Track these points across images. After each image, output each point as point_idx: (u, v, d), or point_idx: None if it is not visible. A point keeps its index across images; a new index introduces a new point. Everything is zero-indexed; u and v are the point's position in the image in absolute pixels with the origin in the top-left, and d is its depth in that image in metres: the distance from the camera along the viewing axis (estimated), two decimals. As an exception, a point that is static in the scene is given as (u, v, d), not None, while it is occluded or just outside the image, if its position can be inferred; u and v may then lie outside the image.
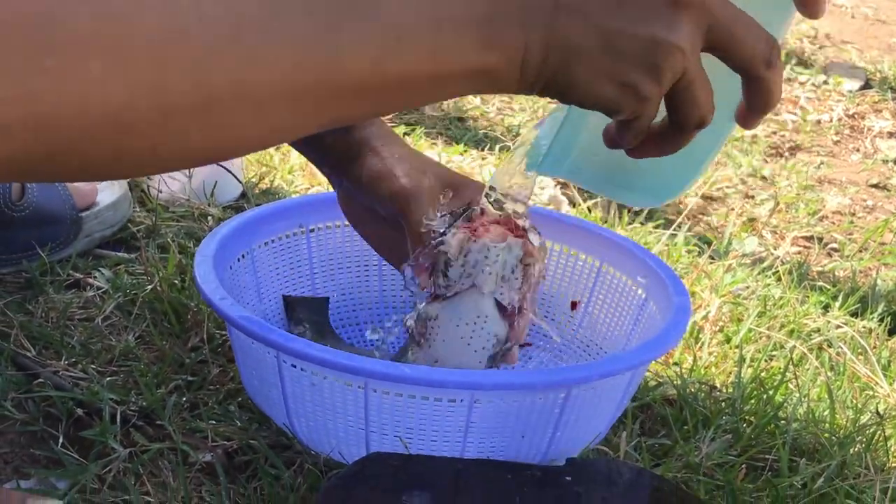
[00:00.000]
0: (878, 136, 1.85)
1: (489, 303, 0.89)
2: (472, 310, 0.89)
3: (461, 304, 0.89)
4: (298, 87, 0.59)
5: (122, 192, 1.19)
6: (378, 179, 0.92)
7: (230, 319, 0.88)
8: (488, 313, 0.89)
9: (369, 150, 0.93)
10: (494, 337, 0.89)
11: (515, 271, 0.88)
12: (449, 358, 0.90)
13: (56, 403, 0.93)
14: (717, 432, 0.98)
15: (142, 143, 0.55)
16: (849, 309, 1.26)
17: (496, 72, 0.64)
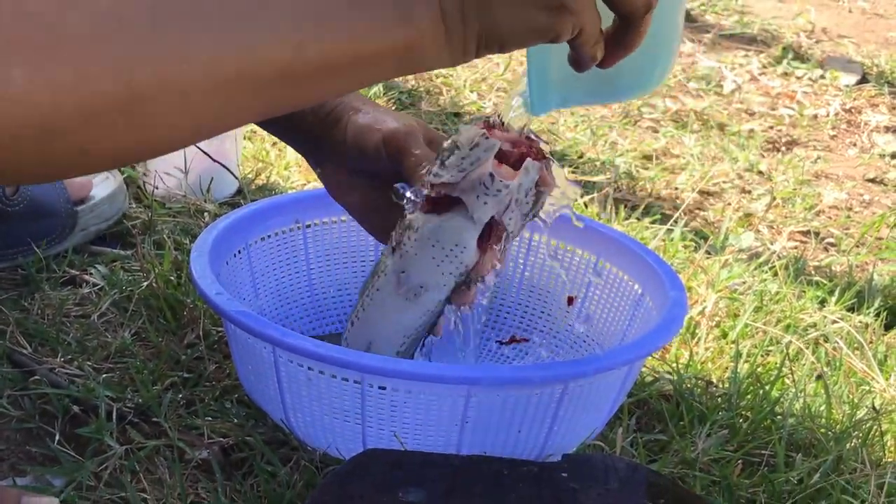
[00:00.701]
0: (874, 131, 1.85)
1: (473, 234, 0.87)
2: (454, 236, 0.87)
3: (445, 225, 0.87)
4: (221, 79, 0.58)
5: (118, 184, 1.18)
6: (365, 131, 0.91)
7: (226, 315, 0.88)
8: (467, 244, 0.87)
9: (350, 109, 0.92)
10: (463, 265, 0.88)
11: (529, 195, 0.86)
12: (415, 272, 0.89)
13: (52, 400, 0.93)
14: (713, 428, 0.98)
15: (70, 145, 0.55)
16: (845, 304, 1.26)
17: (420, 45, 0.63)
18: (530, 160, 0.85)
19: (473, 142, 0.85)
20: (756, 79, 1.97)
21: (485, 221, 0.86)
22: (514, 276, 1.09)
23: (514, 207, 0.86)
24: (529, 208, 0.86)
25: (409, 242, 0.88)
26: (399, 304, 0.90)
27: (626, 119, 1.71)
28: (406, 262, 0.89)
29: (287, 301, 1.06)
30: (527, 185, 0.85)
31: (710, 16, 2.21)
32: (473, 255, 0.87)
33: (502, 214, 0.86)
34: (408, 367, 0.84)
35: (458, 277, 0.89)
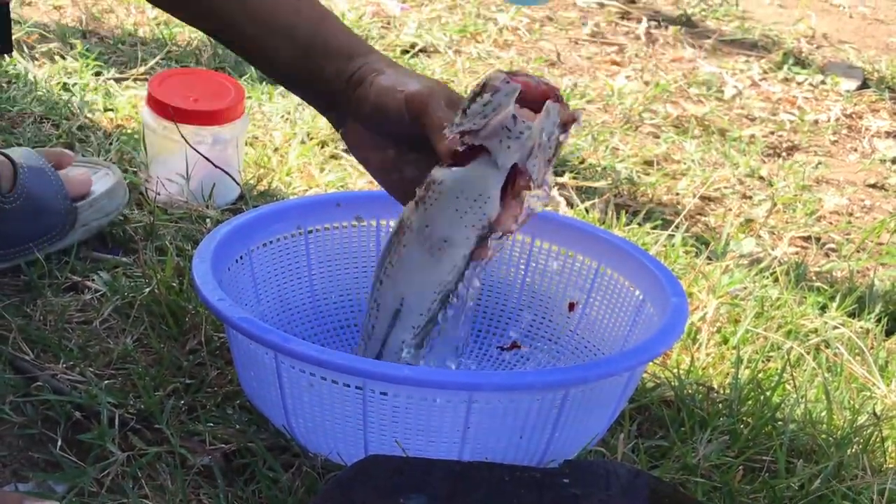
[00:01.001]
0: (875, 136, 1.85)
1: (497, 181, 0.86)
2: (478, 185, 0.87)
3: (469, 175, 0.87)
4: None
5: (117, 179, 1.18)
6: (388, 92, 0.90)
7: (228, 320, 0.88)
8: (491, 194, 0.87)
9: (373, 71, 0.92)
10: (486, 217, 0.87)
11: (551, 139, 0.86)
12: (440, 227, 0.89)
13: (54, 406, 0.93)
14: (714, 434, 0.98)
15: None
16: (846, 309, 1.27)
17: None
18: (550, 102, 0.85)
19: (495, 87, 0.85)
20: (757, 84, 1.98)
21: (508, 167, 0.86)
22: (516, 282, 1.09)
23: (536, 152, 0.85)
24: (552, 153, 0.86)
25: (432, 196, 0.88)
26: (425, 259, 0.90)
27: (627, 125, 1.71)
28: (430, 216, 0.89)
29: (289, 307, 1.06)
30: (549, 128, 0.85)
31: (710, 21, 2.21)
32: (496, 205, 0.87)
33: (525, 160, 0.86)
34: (410, 373, 0.85)
35: (480, 230, 0.88)
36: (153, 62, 1.60)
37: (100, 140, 1.36)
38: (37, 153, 1.15)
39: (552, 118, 0.85)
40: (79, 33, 1.67)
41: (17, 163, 1.11)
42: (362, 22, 1.89)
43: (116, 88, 1.51)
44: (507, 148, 0.85)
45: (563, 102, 0.86)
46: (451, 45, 1.89)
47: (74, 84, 1.50)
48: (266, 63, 0.97)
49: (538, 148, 0.85)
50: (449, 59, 1.84)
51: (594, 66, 1.95)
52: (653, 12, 2.21)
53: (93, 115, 1.43)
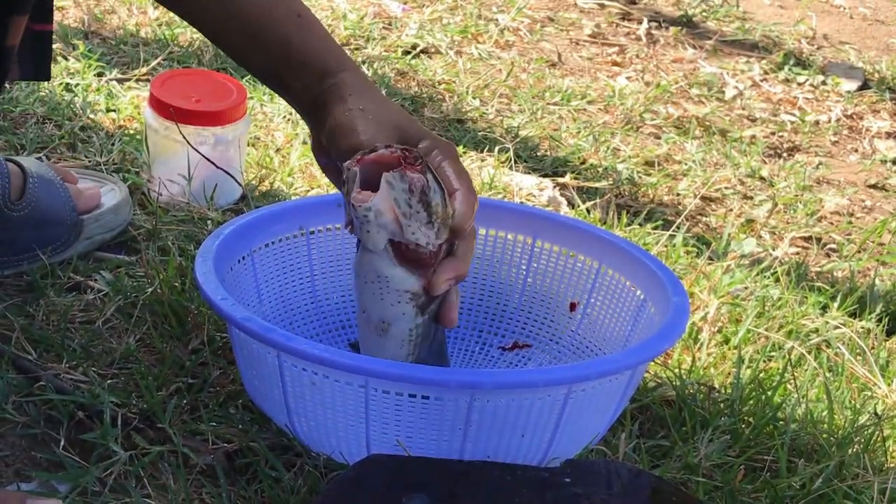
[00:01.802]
0: (876, 137, 1.86)
1: (383, 262, 0.85)
2: (372, 269, 0.87)
3: (360, 261, 0.87)
4: None
5: (123, 196, 1.19)
6: (338, 133, 0.89)
7: (231, 319, 0.88)
8: (388, 274, 0.86)
9: (337, 98, 0.90)
10: (406, 293, 0.87)
11: (413, 205, 0.83)
12: (372, 311, 0.89)
13: (57, 406, 0.93)
14: (715, 433, 0.98)
15: None
16: (847, 309, 1.27)
17: None
18: (386, 174, 0.83)
19: (345, 175, 0.85)
20: (758, 85, 1.98)
21: (382, 247, 0.85)
22: (517, 282, 1.09)
23: (407, 222, 0.84)
24: (427, 216, 0.84)
25: (355, 282, 0.89)
26: (376, 340, 0.90)
27: (628, 125, 1.72)
28: (361, 302, 0.90)
29: (290, 307, 1.06)
30: (402, 197, 0.83)
31: (711, 22, 2.21)
32: (407, 279, 0.86)
33: (401, 235, 0.84)
34: (411, 372, 0.85)
35: (410, 302, 0.88)
36: (155, 63, 1.60)
37: (102, 141, 1.37)
38: (47, 165, 1.16)
39: (398, 186, 0.83)
40: (81, 34, 1.68)
41: (27, 172, 1.12)
42: (363, 23, 1.90)
43: (118, 89, 1.52)
44: (367, 233, 0.84)
45: (414, 165, 0.84)
46: (452, 45, 1.89)
47: (77, 85, 1.50)
48: (243, 63, 0.97)
49: (403, 217, 0.84)
50: (450, 59, 1.84)
51: (595, 67, 1.95)
52: (653, 13, 2.21)
53: (95, 116, 1.43)
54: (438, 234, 0.85)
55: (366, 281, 0.87)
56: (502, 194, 1.40)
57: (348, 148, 0.88)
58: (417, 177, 0.83)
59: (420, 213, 0.84)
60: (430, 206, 0.84)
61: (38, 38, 1.05)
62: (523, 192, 1.42)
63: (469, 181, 0.89)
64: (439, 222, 0.85)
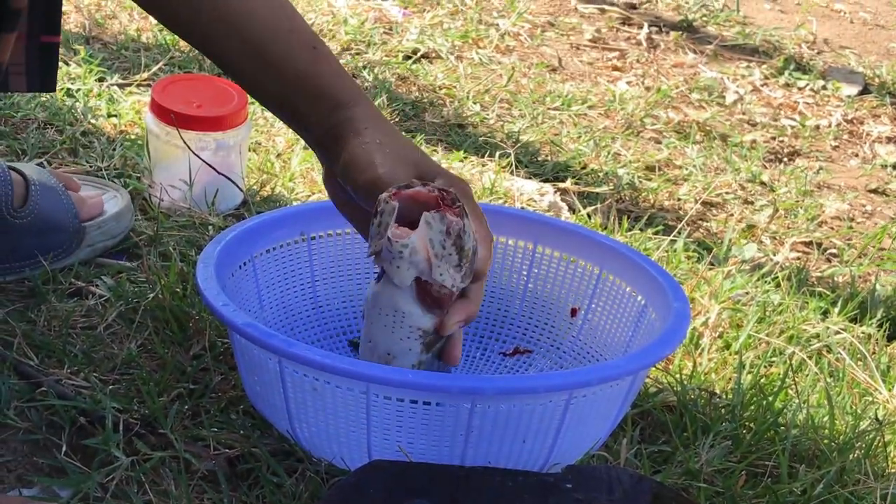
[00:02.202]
0: (876, 141, 1.86)
1: (404, 298, 0.86)
2: (390, 302, 0.87)
3: (380, 292, 0.87)
4: None
5: (126, 203, 1.19)
6: (354, 166, 0.89)
7: (233, 325, 0.88)
8: (405, 310, 0.87)
9: (352, 131, 0.90)
10: (418, 330, 0.87)
11: (447, 247, 0.84)
12: (379, 342, 0.89)
13: (59, 412, 0.93)
14: (716, 439, 0.98)
15: None
16: (848, 314, 1.27)
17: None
18: (427, 213, 0.84)
19: (381, 208, 0.85)
20: (758, 90, 1.98)
21: (408, 284, 0.86)
22: (518, 288, 1.09)
23: (437, 262, 0.85)
24: (457, 259, 0.85)
25: (368, 312, 0.89)
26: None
27: (628, 130, 1.72)
28: (370, 331, 0.90)
29: (291, 313, 1.06)
30: (438, 238, 0.84)
31: (711, 27, 2.21)
32: (422, 317, 0.87)
33: (429, 274, 0.85)
34: (413, 378, 0.85)
35: (419, 339, 0.88)
36: (156, 68, 1.60)
37: (103, 146, 1.37)
38: (49, 172, 1.16)
39: (436, 227, 0.84)
40: (82, 39, 1.68)
41: (30, 180, 1.12)
42: (364, 28, 1.90)
43: (119, 94, 1.52)
44: (397, 268, 0.85)
45: (452, 207, 0.85)
46: (452, 50, 1.89)
47: (78, 90, 1.50)
48: (257, 95, 0.96)
49: (437, 258, 0.84)
50: (451, 64, 1.84)
51: (596, 72, 1.95)
52: (654, 18, 2.22)
53: (96, 121, 1.44)
54: (464, 277, 0.86)
55: (381, 312, 0.88)
56: (503, 199, 1.41)
57: (366, 182, 0.88)
58: (456, 220, 0.84)
59: (452, 255, 0.85)
60: (462, 250, 0.85)
61: (45, 50, 1.05)
62: (524, 198, 1.42)
63: (486, 223, 0.90)
64: (467, 266, 0.86)
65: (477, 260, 0.87)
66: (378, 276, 0.89)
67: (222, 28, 0.91)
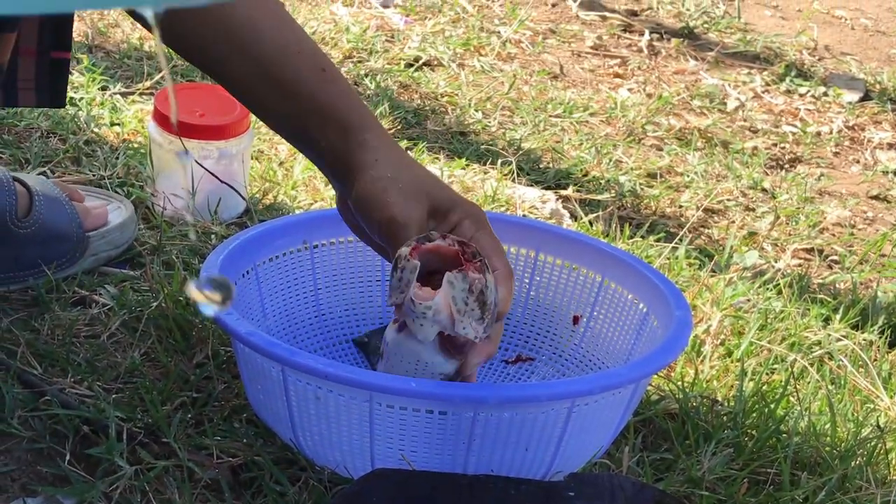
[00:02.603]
0: (877, 148, 1.86)
1: (427, 351, 0.87)
2: (413, 353, 0.88)
3: (403, 342, 0.88)
4: None
5: (129, 213, 1.19)
6: (369, 202, 0.89)
7: (236, 334, 0.88)
8: (428, 360, 0.87)
9: (363, 163, 0.90)
10: (440, 375, 0.89)
11: (469, 303, 0.85)
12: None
13: (62, 421, 0.94)
14: (718, 446, 0.98)
15: None
16: (849, 321, 1.27)
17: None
18: (449, 273, 0.84)
19: (401, 265, 0.85)
20: (759, 96, 1.98)
21: (431, 339, 0.86)
22: (520, 296, 1.10)
23: (460, 318, 0.85)
24: (480, 314, 0.85)
25: (386, 354, 0.90)
26: None
27: (630, 137, 1.72)
28: (391, 369, 0.90)
29: (294, 321, 1.07)
30: (461, 296, 0.85)
31: (712, 34, 2.22)
32: (444, 364, 0.88)
33: (452, 329, 0.85)
34: (416, 386, 0.85)
35: (441, 378, 0.89)
36: (159, 76, 1.61)
37: (106, 155, 1.37)
38: (52, 183, 1.17)
39: (459, 286, 0.84)
40: (85, 48, 1.68)
41: (33, 190, 1.13)
42: (366, 36, 1.90)
43: (122, 103, 1.52)
44: (420, 325, 0.86)
45: (473, 262, 0.85)
46: (454, 58, 1.90)
47: (81, 98, 1.51)
48: (266, 118, 0.96)
49: (458, 314, 0.85)
50: (453, 72, 1.85)
51: (597, 79, 1.96)
52: (655, 25, 2.22)
53: (99, 130, 1.44)
54: (486, 328, 0.87)
55: (402, 360, 0.89)
56: (505, 207, 1.41)
57: (381, 221, 0.89)
58: (478, 277, 0.85)
59: (475, 310, 0.85)
60: (484, 305, 0.86)
61: (55, 66, 1.05)
62: (526, 205, 1.43)
63: (504, 256, 0.90)
64: (489, 318, 0.87)
65: (499, 301, 0.88)
66: (398, 324, 0.89)
67: (229, 49, 0.91)
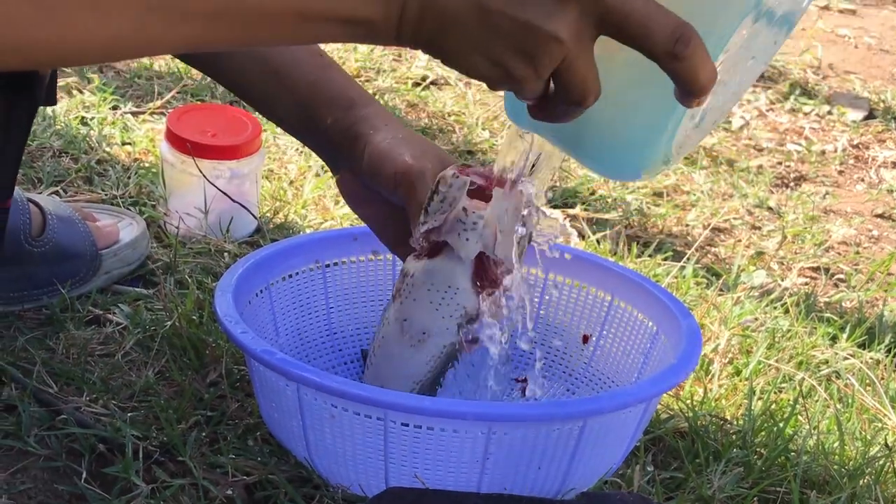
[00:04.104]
0: (882, 166, 1.87)
1: (464, 274, 0.88)
2: (446, 278, 0.89)
3: (436, 268, 0.89)
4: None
5: (141, 230, 1.21)
6: (381, 159, 0.91)
7: (252, 353, 0.89)
8: (460, 285, 0.89)
9: (370, 128, 0.92)
10: (463, 308, 0.89)
11: (513, 221, 0.87)
12: (417, 319, 0.91)
13: (79, 439, 0.94)
14: (728, 465, 0.99)
15: None
16: (856, 340, 1.28)
17: (372, 24, 0.65)
18: (498, 188, 0.87)
19: (448, 184, 0.87)
20: (764, 115, 2.00)
21: (472, 258, 0.88)
22: (530, 315, 1.10)
23: (500, 238, 0.87)
24: (521, 234, 0.87)
25: (406, 289, 0.91)
26: (405, 351, 0.92)
27: (636, 156, 1.73)
28: (406, 309, 0.91)
29: (306, 339, 1.08)
30: (504, 213, 0.86)
31: (717, 52, 2.23)
32: (470, 296, 0.89)
33: (492, 249, 0.87)
34: (430, 405, 0.86)
35: (459, 320, 0.90)
36: (169, 96, 1.62)
37: (118, 174, 1.38)
38: (64, 203, 1.18)
39: (505, 203, 0.86)
40: (95, 67, 1.70)
41: (45, 210, 1.14)
42: (374, 55, 1.92)
43: (133, 122, 1.53)
44: (466, 240, 0.87)
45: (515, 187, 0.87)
46: (461, 77, 1.91)
47: (92, 118, 1.52)
48: (266, 107, 0.98)
49: (501, 234, 0.87)
50: (459, 91, 1.86)
51: (603, 98, 1.97)
52: (660, 44, 2.23)
53: (111, 149, 1.45)
54: (518, 259, 0.88)
55: (430, 288, 0.89)
56: (513, 226, 1.42)
57: (397, 171, 0.90)
58: (523, 198, 0.86)
59: (514, 232, 0.87)
60: (525, 227, 0.87)
61: None
62: (534, 224, 1.43)
63: None
64: (522, 248, 0.88)
65: None
66: (426, 252, 0.89)
67: None
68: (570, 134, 0.76)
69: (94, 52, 0.63)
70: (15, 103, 0.89)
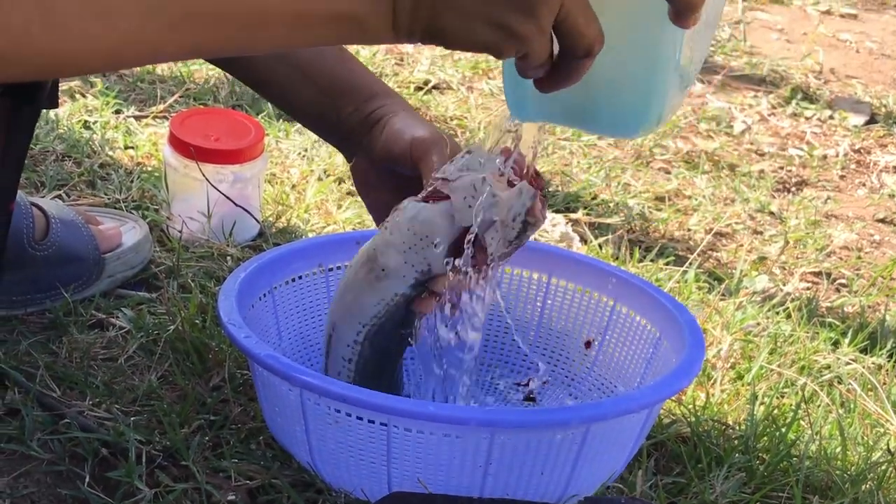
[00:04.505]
0: (884, 171, 1.87)
1: (446, 233, 0.87)
2: (429, 227, 0.88)
3: (426, 215, 0.88)
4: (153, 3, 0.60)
5: (144, 234, 1.21)
6: (397, 134, 0.94)
7: (255, 358, 0.89)
8: (437, 241, 0.88)
9: (390, 112, 0.96)
10: (428, 265, 0.89)
11: (517, 220, 0.86)
12: (384, 252, 0.90)
13: (82, 443, 0.94)
14: (730, 470, 0.99)
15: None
16: (858, 345, 1.28)
17: (364, 19, 0.66)
18: (525, 183, 0.86)
19: (482, 150, 0.87)
20: (766, 119, 2.00)
21: (463, 225, 0.87)
22: (532, 320, 1.11)
23: (498, 228, 0.86)
24: (514, 235, 0.87)
25: (390, 222, 0.90)
26: (361, 285, 0.92)
27: (638, 160, 1.73)
28: (381, 241, 0.90)
29: (309, 343, 1.08)
30: (516, 208, 0.86)
31: (718, 57, 2.23)
32: (438, 257, 0.88)
33: (485, 231, 0.87)
34: (434, 410, 0.86)
35: (418, 275, 0.89)
36: (172, 100, 1.62)
37: (121, 178, 1.39)
38: (67, 207, 1.18)
39: (523, 199, 0.86)
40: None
41: (49, 213, 1.14)
42: (376, 59, 1.92)
43: (136, 126, 1.54)
44: (468, 207, 0.86)
45: (540, 187, 0.87)
46: (463, 81, 1.91)
47: (95, 122, 1.52)
48: (284, 98, 1.00)
49: (501, 225, 0.86)
50: (462, 95, 1.86)
51: (605, 102, 1.97)
52: (662, 48, 2.23)
53: (113, 153, 1.45)
54: (501, 258, 0.88)
55: (409, 229, 0.89)
56: (516, 230, 1.42)
57: (412, 142, 0.93)
58: (541, 207, 0.87)
59: (512, 231, 0.86)
60: (524, 234, 0.87)
61: None
62: (536, 228, 1.43)
63: None
64: (510, 251, 0.88)
65: None
66: (425, 198, 0.89)
67: None
68: (574, 106, 0.78)
69: (98, 61, 0.64)
70: (18, 107, 0.90)
